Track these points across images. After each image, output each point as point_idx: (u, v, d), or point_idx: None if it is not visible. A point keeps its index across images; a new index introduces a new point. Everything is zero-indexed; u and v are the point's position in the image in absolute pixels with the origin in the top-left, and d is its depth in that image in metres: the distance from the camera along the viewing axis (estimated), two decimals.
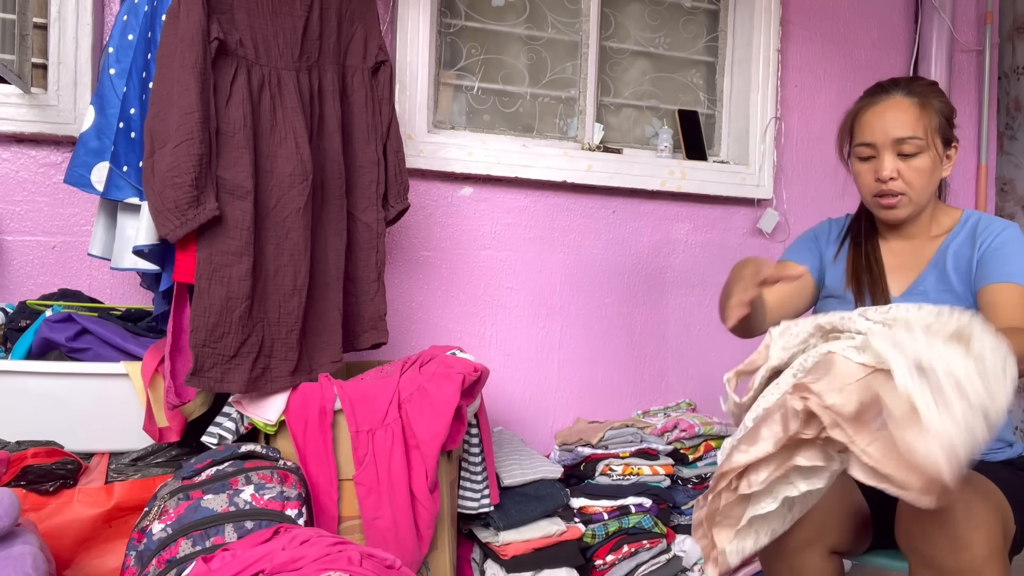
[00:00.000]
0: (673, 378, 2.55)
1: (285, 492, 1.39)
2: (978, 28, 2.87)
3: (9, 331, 1.69)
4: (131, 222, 1.61)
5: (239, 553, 1.15)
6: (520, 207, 2.37)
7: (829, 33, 2.71)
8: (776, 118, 2.59)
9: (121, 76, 1.60)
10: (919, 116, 1.36)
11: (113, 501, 1.46)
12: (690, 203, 2.55)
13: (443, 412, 1.57)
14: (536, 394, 2.40)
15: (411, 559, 1.55)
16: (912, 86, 1.39)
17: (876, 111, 1.39)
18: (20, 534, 1.17)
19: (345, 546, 1.15)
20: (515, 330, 2.37)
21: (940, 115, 1.38)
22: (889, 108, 1.38)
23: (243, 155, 1.56)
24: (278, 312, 1.61)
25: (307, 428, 1.55)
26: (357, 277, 1.77)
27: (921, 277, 1.42)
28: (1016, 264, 1.32)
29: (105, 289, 1.99)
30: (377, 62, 1.79)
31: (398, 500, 1.54)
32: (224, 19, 1.58)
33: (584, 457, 1.99)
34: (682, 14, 2.66)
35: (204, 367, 1.52)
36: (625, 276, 2.49)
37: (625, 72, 2.61)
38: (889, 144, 1.36)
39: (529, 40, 2.49)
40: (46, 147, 1.94)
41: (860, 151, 1.41)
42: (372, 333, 1.78)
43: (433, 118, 2.34)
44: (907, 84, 1.39)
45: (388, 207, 1.81)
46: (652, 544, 1.92)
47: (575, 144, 2.49)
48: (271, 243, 1.61)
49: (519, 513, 1.80)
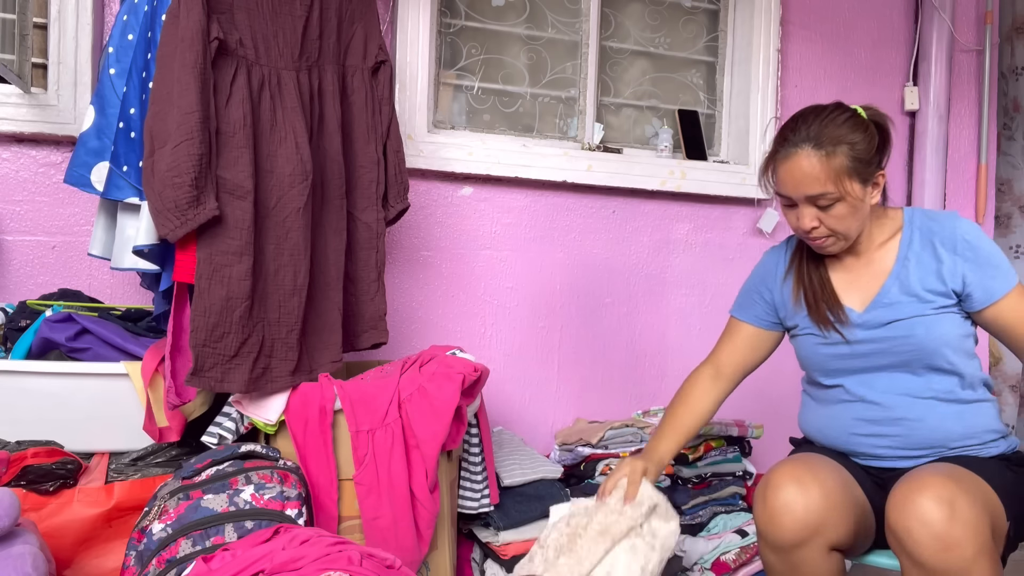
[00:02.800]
0: (673, 378, 2.54)
1: (285, 492, 1.39)
2: (978, 28, 2.87)
3: (9, 331, 1.69)
4: (131, 222, 1.61)
5: (239, 553, 1.15)
6: (520, 207, 2.37)
7: (829, 33, 2.71)
8: (776, 118, 2.58)
9: (121, 76, 1.60)
10: (826, 170, 1.29)
11: (113, 501, 1.46)
12: (690, 203, 2.55)
13: (443, 412, 1.57)
14: (536, 394, 2.40)
15: (411, 559, 1.55)
16: (821, 135, 1.30)
17: (787, 167, 1.33)
18: (20, 534, 1.17)
19: (345, 546, 1.15)
20: (515, 330, 2.37)
21: (851, 159, 1.30)
22: (797, 164, 1.31)
23: (243, 155, 1.56)
24: (278, 312, 1.61)
25: (307, 428, 1.55)
26: (357, 277, 1.77)
27: (884, 289, 1.39)
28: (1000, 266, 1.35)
29: (105, 289, 1.99)
30: (377, 62, 1.79)
31: (398, 500, 1.54)
32: (224, 19, 1.58)
33: (584, 457, 1.99)
34: (682, 14, 2.66)
35: (204, 367, 1.51)
36: (625, 276, 2.49)
37: (625, 72, 2.61)
38: (803, 199, 1.33)
39: (529, 40, 2.49)
40: (46, 147, 1.94)
41: (781, 199, 1.39)
42: (372, 333, 1.78)
43: (433, 118, 2.34)
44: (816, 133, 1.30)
45: (388, 207, 1.81)
46: None
47: (575, 144, 2.49)
48: (271, 243, 1.61)
49: (519, 513, 1.80)
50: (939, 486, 1.16)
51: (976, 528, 1.13)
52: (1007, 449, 1.39)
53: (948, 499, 1.14)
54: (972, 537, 1.12)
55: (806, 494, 1.27)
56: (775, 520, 1.28)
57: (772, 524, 1.29)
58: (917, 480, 1.20)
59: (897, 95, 2.78)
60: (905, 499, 1.18)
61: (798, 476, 1.29)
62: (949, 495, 1.15)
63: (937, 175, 2.72)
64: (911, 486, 1.19)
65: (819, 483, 1.29)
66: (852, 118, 1.33)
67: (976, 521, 1.14)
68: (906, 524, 1.16)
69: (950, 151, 2.78)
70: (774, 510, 1.28)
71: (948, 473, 1.22)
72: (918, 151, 2.75)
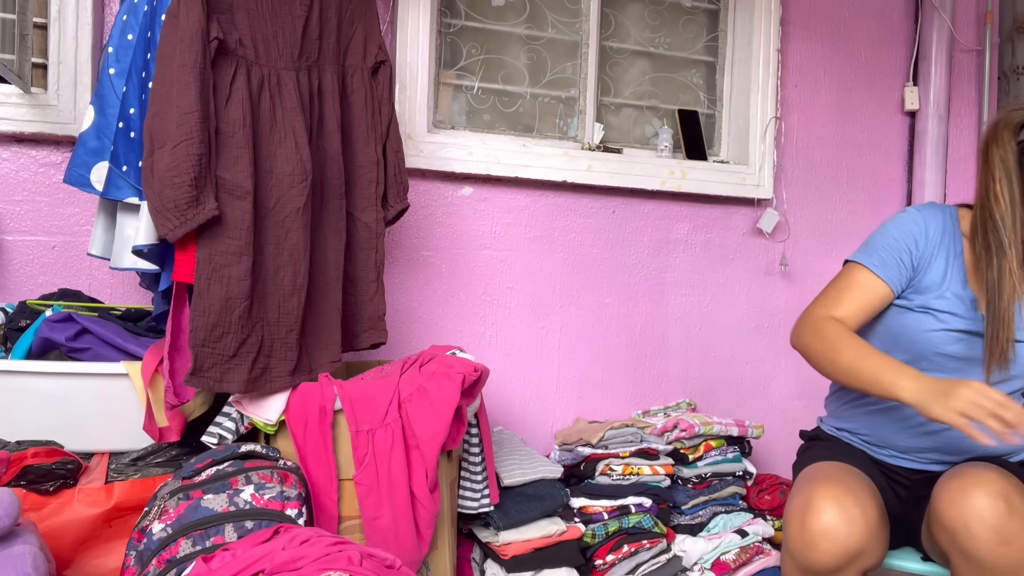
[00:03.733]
0: (673, 378, 2.55)
1: (285, 492, 1.39)
2: (978, 28, 2.87)
3: (9, 331, 1.69)
4: (131, 222, 1.61)
5: (239, 553, 1.15)
6: (520, 207, 2.37)
7: (829, 33, 2.71)
8: (776, 118, 2.59)
9: (121, 76, 1.60)
10: None
11: (113, 501, 1.46)
12: (690, 203, 2.55)
13: (443, 412, 1.56)
14: (536, 394, 2.40)
15: (411, 559, 1.54)
16: None
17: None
18: (20, 534, 1.17)
19: (345, 546, 1.15)
20: (515, 330, 2.37)
21: None
22: None
23: (242, 155, 1.56)
24: (277, 312, 1.61)
25: (307, 428, 1.55)
26: (356, 277, 1.77)
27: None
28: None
29: (105, 289, 1.99)
30: (377, 62, 1.79)
31: (398, 500, 1.54)
32: (224, 19, 1.58)
33: (584, 457, 1.99)
34: (682, 14, 2.66)
35: (203, 367, 1.51)
36: (625, 276, 2.49)
37: (625, 72, 2.61)
38: None
39: (529, 40, 2.48)
40: (46, 147, 1.94)
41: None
42: (371, 333, 1.78)
43: (433, 118, 2.34)
44: None
45: (387, 207, 1.81)
46: (652, 544, 1.92)
47: (575, 144, 2.49)
48: (270, 243, 1.61)
49: (519, 513, 1.80)
50: (994, 482, 1.14)
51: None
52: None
53: (1004, 494, 1.12)
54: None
55: (849, 520, 1.20)
56: (815, 544, 1.21)
57: (809, 548, 1.21)
58: (969, 476, 1.17)
59: (897, 95, 2.78)
60: (960, 494, 1.15)
61: (839, 498, 1.22)
62: (1004, 491, 1.13)
63: (937, 175, 2.72)
64: (964, 481, 1.16)
65: (860, 507, 1.22)
66: None
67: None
68: (964, 519, 1.13)
69: (950, 151, 2.78)
70: (813, 534, 1.21)
71: (1000, 470, 1.19)
72: (918, 151, 2.75)
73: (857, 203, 2.74)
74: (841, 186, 2.71)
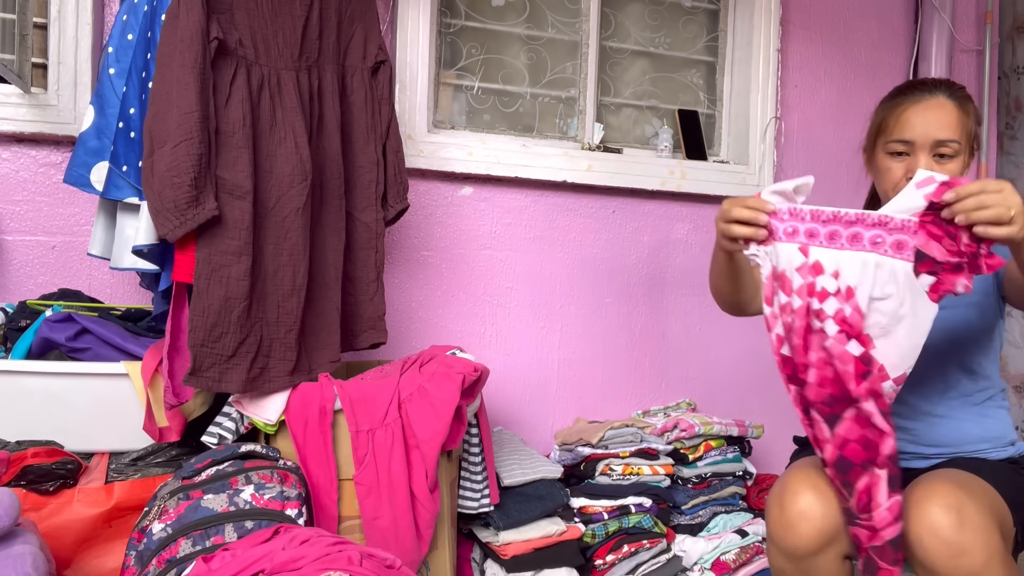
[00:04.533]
0: (673, 378, 2.54)
1: (285, 492, 1.39)
2: (978, 28, 2.87)
3: (9, 331, 1.69)
4: (130, 222, 1.61)
5: (239, 553, 1.15)
6: (520, 207, 2.37)
7: (829, 33, 2.71)
8: (776, 118, 2.59)
9: (121, 76, 1.60)
10: (960, 120, 1.34)
11: (113, 501, 1.46)
12: (690, 203, 2.54)
13: (443, 412, 1.57)
14: (536, 394, 2.40)
15: (411, 559, 1.55)
16: (952, 89, 1.36)
17: (918, 109, 1.35)
18: (20, 534, 1.17)
19: (345, 546, 1.15)
20: (515, 330, 2.37)
21: (974, 123, 1.36)
22: (932, 108, 1.35)
23: (242, 155, 1.56)
24: (277, 312, 1.61)
25: (307, 428, 1.55)
26: (356, 277, 1.77)
27: None
28: None
29: (105, 289, 1.99)
30: (377, 62, 1.79)
31: (398, 500, 1.54)
32: (224, 19, 1.58)
33: (584, 457, 1.99)
34: (682, 14, 2.66)
35: (202, 367, 1.51)
36: (625, 276, 2.49)
37: (625, 72, 2.61)
38: (928, 145, 1.34)
39: (529, 40, 2.48)
40: (46, 147, 1.94)
41: (893, 147, 1.39)
42: (371, 333, 1.78)
43: (433, 118, 2.34)
44: (948, 86, 1.37)
45: (387, 207, 1.81)
46: (652, 544, 1.92)
47: (575, 144, 2.49)
48: (270, 243, 1.61)
49: (519, 513, 1.80)
50: (946, 493, 1.15)
51: (986, 533, 1.12)
52: (1015, 453, 1.38)
53: (956, 506, 1.13)
54: (983, 543, 1.11)
55: (826, 503, 1.24)
56: (792, 527, 1.25)
57: (788, 531, 1.25)
58: (924, 488, 1.19)
59: None
60: (914, 508, 1.17)
61: (816, 483, 1.26)
62: (956, 502, 1.14)
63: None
64: (919, 495, 1.18)
65: (838, 492, 1.26)
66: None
67: (985, 526, 1.12)
68: (916, 533, 1.15)
69: None
70: (791, 516, 1.25)
71: (955, 479, 1.21)
72: None
73: (857, 204, 2.73)
74: (841, 186, 2.71)
